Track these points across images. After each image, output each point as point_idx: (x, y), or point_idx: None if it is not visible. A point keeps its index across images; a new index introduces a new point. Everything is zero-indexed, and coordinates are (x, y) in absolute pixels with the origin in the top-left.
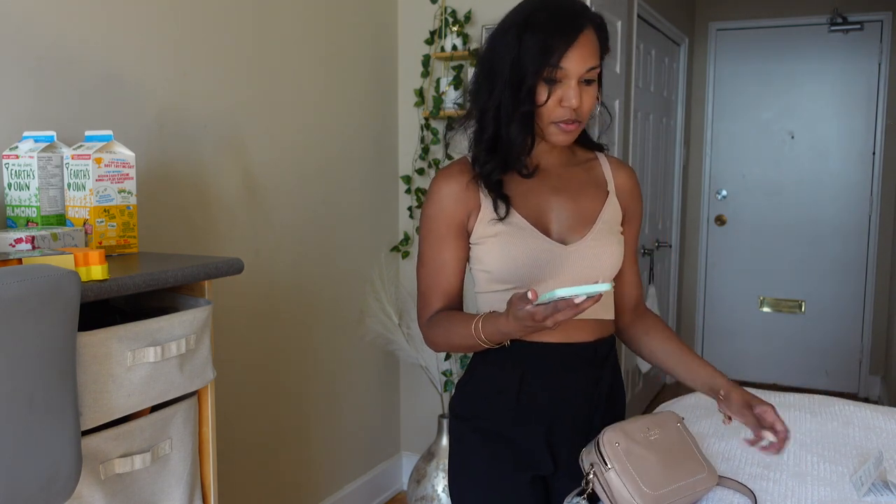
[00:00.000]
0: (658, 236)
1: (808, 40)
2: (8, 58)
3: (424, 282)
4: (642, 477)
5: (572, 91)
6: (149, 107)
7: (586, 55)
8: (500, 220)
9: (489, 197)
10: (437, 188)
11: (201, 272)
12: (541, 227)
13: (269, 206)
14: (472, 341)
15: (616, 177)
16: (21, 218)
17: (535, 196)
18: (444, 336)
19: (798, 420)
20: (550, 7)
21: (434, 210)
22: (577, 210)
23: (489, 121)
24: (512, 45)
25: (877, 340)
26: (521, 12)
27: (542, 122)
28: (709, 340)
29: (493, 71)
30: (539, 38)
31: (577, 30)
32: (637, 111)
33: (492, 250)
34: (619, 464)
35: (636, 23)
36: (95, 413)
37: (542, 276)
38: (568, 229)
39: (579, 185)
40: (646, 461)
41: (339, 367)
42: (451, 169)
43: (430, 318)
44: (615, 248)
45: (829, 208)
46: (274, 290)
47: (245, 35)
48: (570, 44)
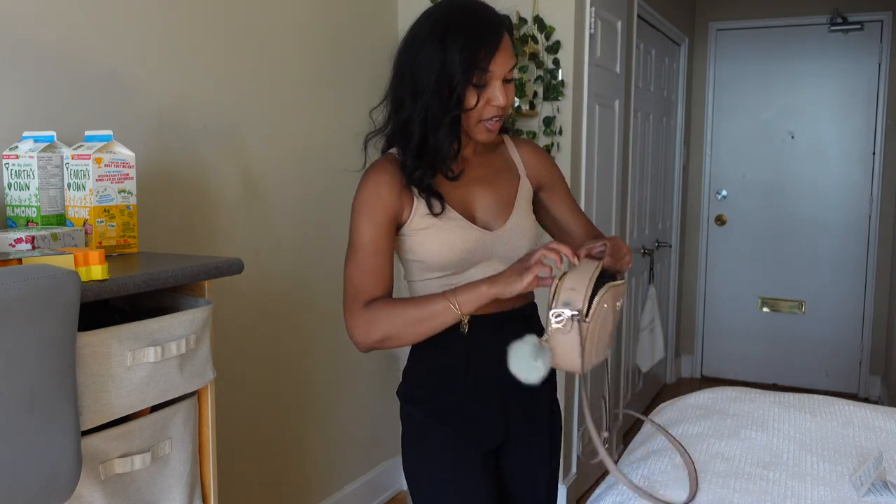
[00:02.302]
0: (658, 236)
1: (808, 40)
2: (8, 58)
3: (360, 268)
4: (597, 342)
5: (499, 91)
6: (149, 107)
7: (508, 56)
8: (435, 215)
9: (421, 198)
10: (373, 178)
11: (201, 272)
12: (467, 216)
13: (269, 206)
14: (438, 310)
15: (523, 155)
16: (21, 218)
17: (461, 187)
18: (394, 315)
19: (798, 420)
20: (469, 15)
21: (370, 197)
22: (497, 197)
23: (415, 129)
24: (435, 54)
25: (877, 340)
26: (438, 22)
27: (471, 122)
28: (709, 340)
29: (417, 81)
30: (464, 45)
31: (499, 34)
32: (637, 111)
33: (425, 241)
34: (594, 324)
35: (636, 23)
36: (95, 413)
37: (474, 261)
38: (492, 216)
39: (495, 172)
40: (605, 328)
41: (339, 366)
42: (386, 163)
43: (369, 304)
44: (533, 229)
45: (829, 208)
46: (274, 289)
47: (245, 35)
48: (496, 48)
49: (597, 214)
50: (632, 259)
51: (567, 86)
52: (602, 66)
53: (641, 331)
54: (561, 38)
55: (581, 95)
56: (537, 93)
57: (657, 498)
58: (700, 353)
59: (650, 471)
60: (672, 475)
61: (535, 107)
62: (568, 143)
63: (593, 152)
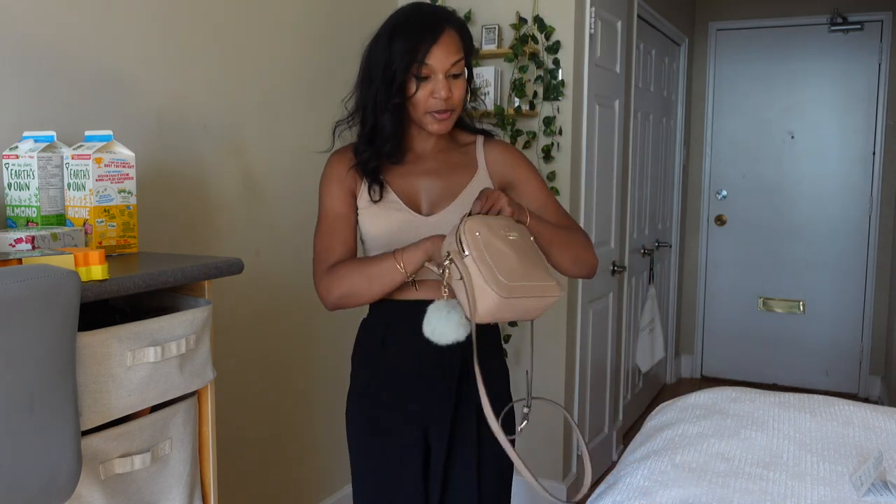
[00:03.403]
0: (658, 236)
1: (808, 40)
2: (8, 58)
3: (324, 237)
4: (498, 266)
5: (441, 84)
6: (149, 107)
7: (450, 51)
8: (374, 202)
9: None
10: (335, 158)
11: (201, 272)
12: (412, 203)
13: (269, 206)
14: (386, 266)
15: (488, 154)
16: (21, 218)
17: (410, 176)
18: (350, 272)
19: (798, 420)
20: (415, 14)
21: (331, 175)
22: (445, 187)
23: (368, 115)
24: (383, 49)
25: (877, 340)
26: (390, 22)
27: (418, 113)
28: (709, 340)
29: (370, 73)
30: (406, 39)
31: (439, 30)
32: (637, 111)
33: (368, 218)
34: (477, 252)
35: (636, 23)
36: (95, 413)
37: (403, 242)
38: (434, 204)
39: (451, 166)
40: (503, 254)
41: (339, 366)
42: (345, 149)
43: (333, 266)
44: None
45: (828, 208)
46: (274, 289)
47: (245, 35)
48: (434, 42)
49: (597, 214)
50: (499, 197)
51: (567, 86)
52: (602, 66)
53: (641, 331)
54: (561, 38)
55: (581, 95)
56: (537, 93)
57: (542, 487)
58: (700, 353)
59: (650, 471)
60: (672, 475)
61: (535, 107)
62: (568, 143)
63: (593, 152)
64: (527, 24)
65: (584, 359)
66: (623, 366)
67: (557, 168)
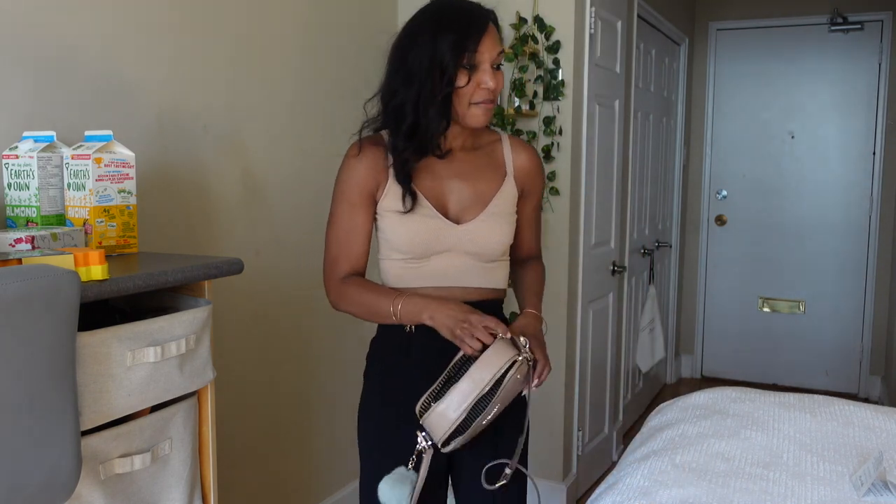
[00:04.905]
0: (658, 236)
1: (808, 40)
2: (8, 58)
3: (334, 244)
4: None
5: (488, 74)
6: (149, 107)
7: (496, 42)
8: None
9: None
10: (352, 156)
11: (201, 272)
12: (440, 206)
13: (269, 206)
14: (383, 313)
15: (516, 158)
16: (21, 218)
17: (439, 179)
18: (356, 300)
19: (798, 420)
20: (458, 8)
21: (347, 176)
22: (474, 193)
23: (408, 112)
24: (427, 44)
25: (877, 340)
26: (428, 16)
27: (462, 105)
28: (709, 340)
29: (410, 70)
30: (454, 31)
31: (485, 21)
32: (637, 111)
33: (393, 224)
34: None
35: (636, 23)
36: (95, 413)
37: (434, 251)
38: (464, 210)
39: (479, 169)
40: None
41: (339, 366)
42: (367, 141)
43: (344, 279)
44: (505, 229)
45: (829, 208)
46: (274, 290)
47: (245, 35)
48: (483, 32)
49: (597, 214)
50: (546, 373)
51: (567, 86)
52: (602, 66)
53: (641, 331)
54: (561, 38)
55: (581, 95)
56: (537, 93)
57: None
58: (700, 353)
59: (650, 471)
60: (672, 475)
61: (535, 107)
62: (568, 143)
63: (593, 152)
64: (527, 24)
65: (584, 359)
66: (623, 366)
67: (557, 168)
